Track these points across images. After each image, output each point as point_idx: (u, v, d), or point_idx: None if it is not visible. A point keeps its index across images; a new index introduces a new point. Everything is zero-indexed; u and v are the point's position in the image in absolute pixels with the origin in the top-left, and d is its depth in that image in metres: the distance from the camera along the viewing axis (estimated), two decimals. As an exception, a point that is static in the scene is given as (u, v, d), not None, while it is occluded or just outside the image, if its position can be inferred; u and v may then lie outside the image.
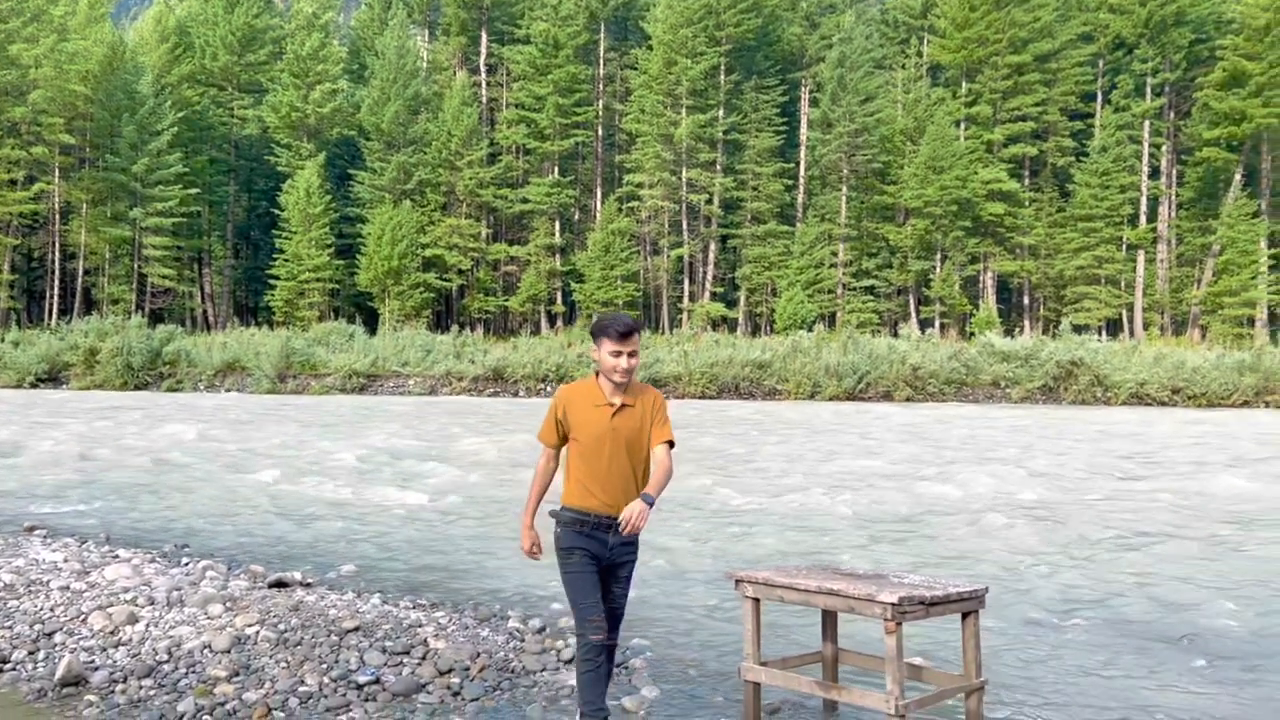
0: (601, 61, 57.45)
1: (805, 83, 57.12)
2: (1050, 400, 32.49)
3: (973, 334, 46.69)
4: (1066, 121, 56.12)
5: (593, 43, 56.27)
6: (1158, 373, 32.03)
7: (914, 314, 53.81)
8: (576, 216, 56.28)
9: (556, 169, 53.76)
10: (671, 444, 4.41)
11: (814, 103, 55.63)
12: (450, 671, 5.65)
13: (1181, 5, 53.02)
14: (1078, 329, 49.57)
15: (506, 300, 52.80)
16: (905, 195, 51.86)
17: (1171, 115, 56.18)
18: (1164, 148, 56.08)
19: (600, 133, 57.01)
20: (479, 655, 5.94)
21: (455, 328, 43.92)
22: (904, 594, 4.44)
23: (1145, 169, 55.08)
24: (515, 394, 33.16)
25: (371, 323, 47.08)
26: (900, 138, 53.94)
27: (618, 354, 4.32)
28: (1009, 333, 48.09)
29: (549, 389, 33.27)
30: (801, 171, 56.30)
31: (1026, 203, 54.70)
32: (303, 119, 52.10)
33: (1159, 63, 54.42)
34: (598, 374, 4.46)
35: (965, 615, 4.74)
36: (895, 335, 44.49)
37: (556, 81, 50.64)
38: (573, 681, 5.60)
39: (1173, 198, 56.04)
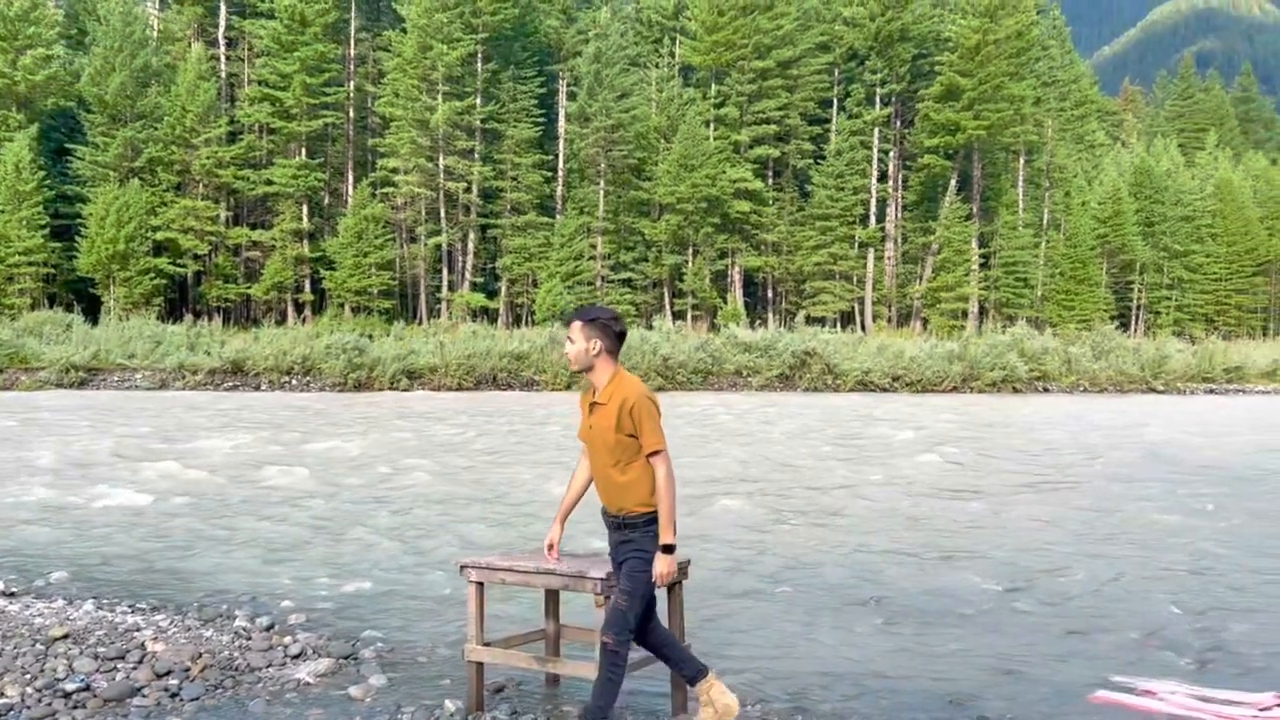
0: (353, 41, 55.49)
1: (563, 76, 57.69)
2: (787, 388, 34.70)
3: (719, 326, 48.99)
4: (806, 126, 59.79)
5: (343, 21, 54.22)
6: (880, 362, 34.96)
7: (668, 306, 55.70)
8: (326, 201, 54.10)
9: (304, 150, 51.43)
10: (659, 452, 4.36)
11: (572, 96, 56.30)
12: (169, 674, 5.49)
13: (906, 22, 57.72)
14: (816, 321, 53.13)
15: (249, 288, 49.99)
16: (659, 191, 53.54)
17: (898, 124, 61.10)
18: (891, 153, 60.91)
19: (352, 115, 55.06)
20: (200, 656, 5.80)
21: (190, 317, 41.19)
22: (612, 570, 4.77)
23: (875, 173, 59.61)
24: (257, 387, 31.58)
25: (94, 311, 43.21)
26: (654, 135, 55.59)
27: (570, 339, 4.49)
28: (754, 325, 50.81)
29: (294, 382, 31.98)
30: (560, 164, 56.88)
31: (770, 202, 57.85)
32: (11, 86, 47.05)
33: (887, 74, 59.03)
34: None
35: (670, 586, 5.15)
36: (650, 327, 45.94)
37: (304, 59, 48.39)
38: (299, 675, 5.61)
39: (899, 200, 61.01)
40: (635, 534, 4.43)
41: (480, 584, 5.06)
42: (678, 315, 54.12)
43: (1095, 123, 74.90)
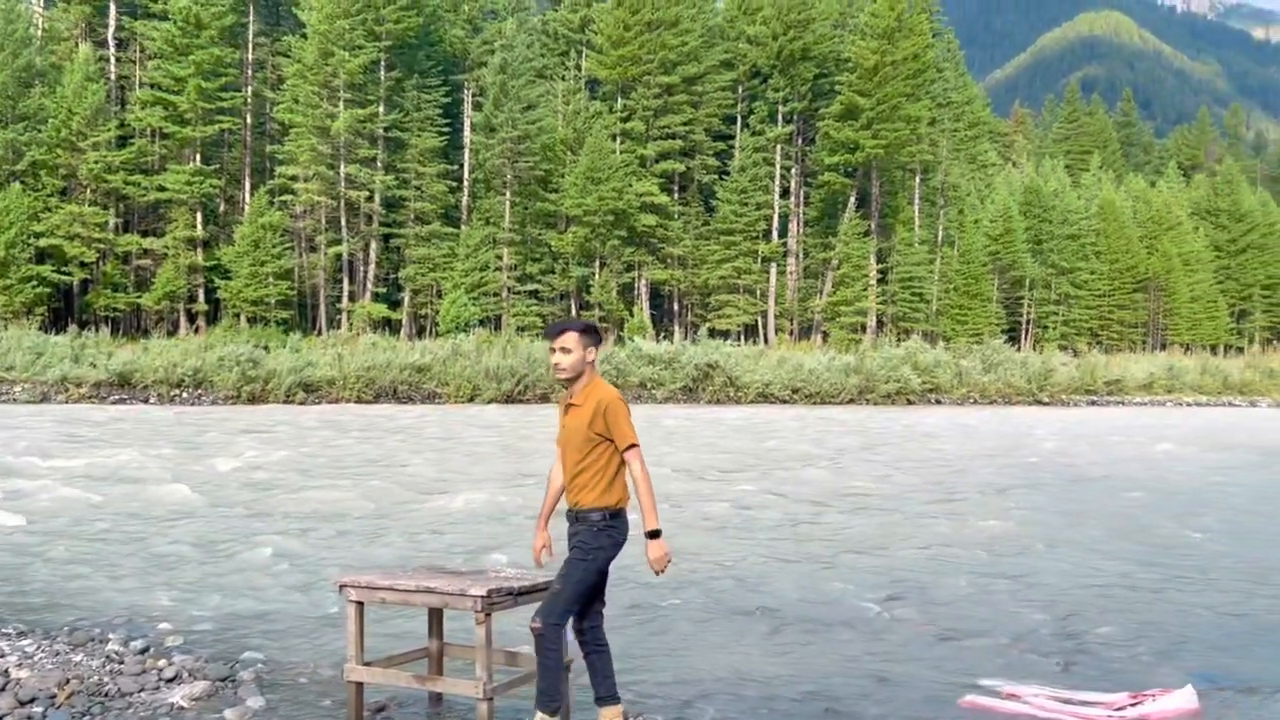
0: (251, 45, 54.20)
1: (468, 86, 57.34)
2: (690, 399, 35.06)
3: (625, 338, 49.23)
4: (711, 142, 60.64)
5: (241, 25, 52.93)
6: (781, 374, 35.62)
7: (575, 318, 55.78)
8: (222, 208, 52.64)
9: (199, 156, 49.94)
10: (634, 446, 4.59)
11: (477, 107, 55.99)
12: (33, 701, 5.29)
13: (807, 42, 59.08)
14: (720, 334, 53.81)
15: (139, 297, 48.24)
16: (566, 203, 53.61)
17: (799, 141, 62.42)
18: (793, 170, 62.19)
19: (250, 120, 53.74)
20: (68, 682, 5.60)
21: (75, 327, 39.56)
22: (493, 587, 4.80)
23: (777, 189, 60.76)
24: (146, 400, 30.49)
25: (-29, 321, 41.19)
26: (561, 147, 55.66)
27: (551, 351, 4.70)
28: (661, 337, 51.28)
29: (184, 395, 30.97)
30: (466, 174, 56.48)
31: (676, 216, 58.45)
32: (-120, 82, 44.68)
33: (789, 93, 60.27)
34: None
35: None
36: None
37: (199, 63, 47.02)
38: (173, 699, 5.49)
39: (800, 216, 62.29)
40: (583, 528, 4.62)
41: (360, 603, 5.03)
42: (584, 328, 54.11)
43: (987, 143, 77.76)
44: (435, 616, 5.45)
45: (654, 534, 4.60)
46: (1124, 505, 13.61)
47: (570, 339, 4.67)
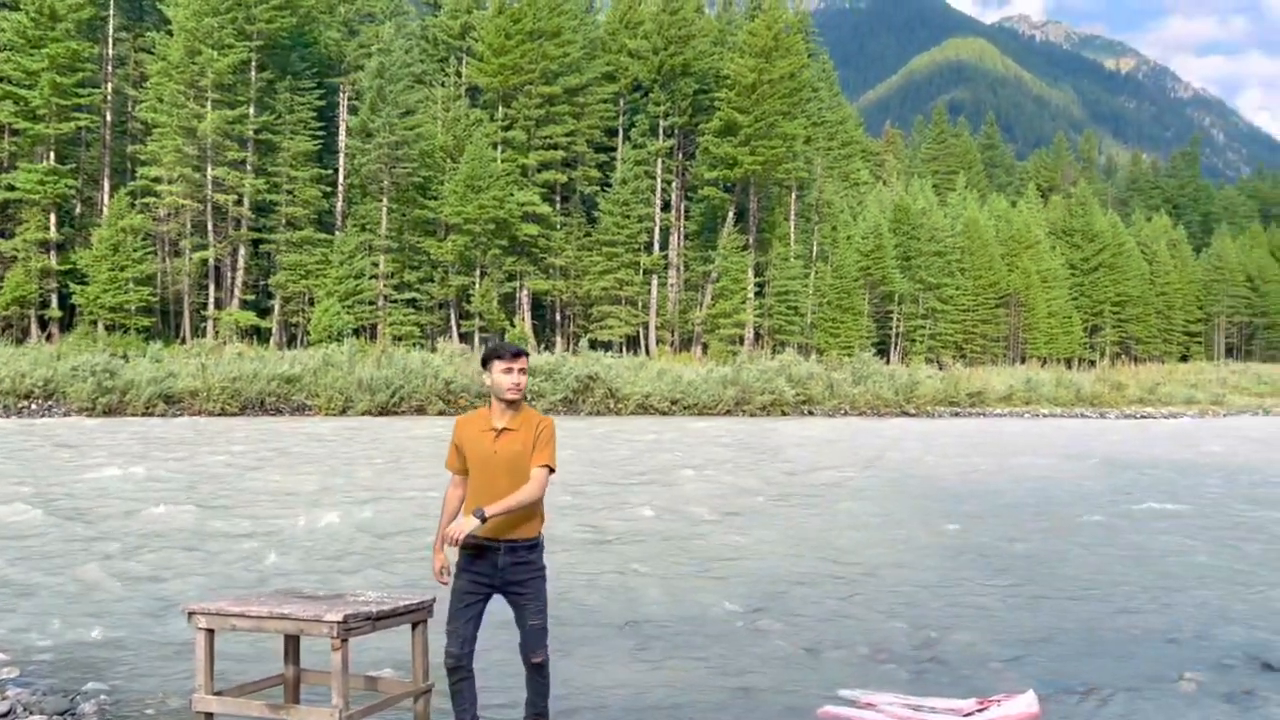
0: (111, 40, 51.74)
1: (344, 89, 56.07)
2: (570, 411, 35.02)
3: (506, 348, 48.78)
4: (593, 153, 60.87)
5: (100, 18, 50.52)
6: (661, 386, 35.95)
7: (454, 328, 55.02)
8: (78, 210, 50.03)
9: (53, 154, 47.35)
10: (550, 469, 4.65)
11: (353, 110, 54.78)
12: None
13: (687, 58, 59.95)
14: (602, 345, 53.95)
15: (-14, 302, 45.40)
16: (445, 211, 52.92)
17: (680, 155, 63.23)
18: (674, 184, 62.94)
19: (110, 118, 51.28)
20: (-117, 723, 5.22)
21: (-87, 333, 37.01)
22: (350, 612, 4.70)
23: (659, 202, 61.40)
24: (-10, 413, 28.68)
25: None
26: (440, 154, 54.95)
27: (509, 370, 4.61)
28: (542, 348, 51.02)
29: (34, 407, 29.24)
30: (341, 179, 55.16)
31: (558, 226, 58.40)
32: None
33: (670, 107, 61.02)
34: (490, 403, 4.69)
35: (415, 625, 5.13)
36: (434, 349, 45.17)
37: (53, 56, 44.58)
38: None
39: (681, 229, 63.06)
40: (533, 555, 4.70)
41: (210, 630, 4.84)
42: (464, 337, 53.59)
43: (860, 162, 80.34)
44: (291, 642, 5.30)
45: (484, 518, 4.50)
46: (980, 514, 14.21)
47: (525, 361, 4.74)
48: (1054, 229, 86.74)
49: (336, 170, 54.97)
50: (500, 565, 4.67)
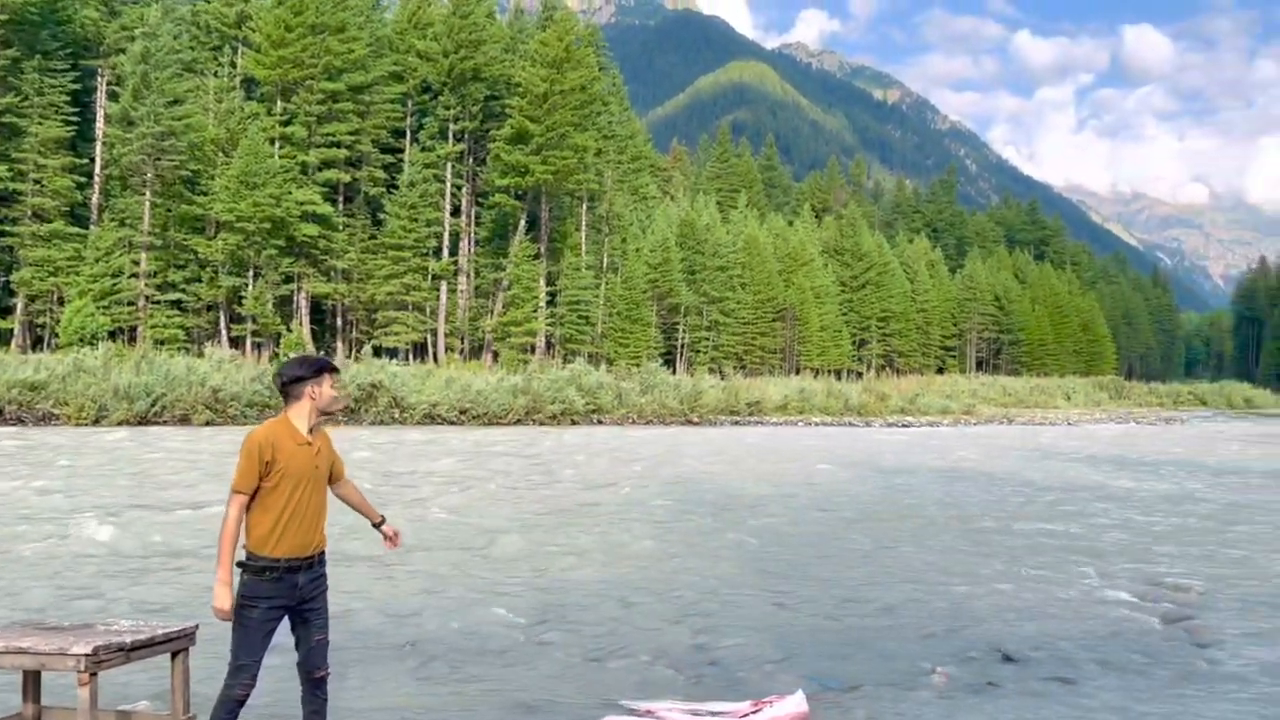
0: None
1: (103, 73, 51.89)
2: (352, 420, 33.78)
3: (281, 355, 46.61)
4: (379, 154, 59.15)
5: None
6: (449, 395, 35.28)
7: (224, 332, 51.96)
8: None
9: None
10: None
11: (114, 97, 50.79)
12: None
13: (478, 63, 59.38)
14: (389, 352, 52.43)
15: None
16: (216, 207, 49.94)
17: (470, 160, 62.50)
18: (464, 189, 62.12)
19: None
20: None
21: None
22: (100, 643, 4.32)
23: (448, 206, 60.42)
24: None
25: None
26: (211, 147, 51.84)
27: (335, 384, 4.51)
28: (322, 354, 48.87)
29: None
30: (98, 169, 50.97)
31: (341, 227, 56.34)
32: None
33: (460, 111, 60.21)
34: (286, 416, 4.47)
35: (175, 654, 4.78)
36: (201, 354, 42.44)
37: None
38: None
39: (472, 235, 62.31)
40: (324, 567, 4.58)
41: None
42: (235, 342, 50.74)
43: (648, 176, 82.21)
44: (31, 679, 4.80)
45: (381, 521, 5.00)
46: (759, 520, 14.77)
47: (338, 377, 4.68)
48: (826, 248, 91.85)
49: (93, 160, 50.76)
50: (300, 584, 4.44)
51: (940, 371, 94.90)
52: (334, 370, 4.63)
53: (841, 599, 9.46)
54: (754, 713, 6.05)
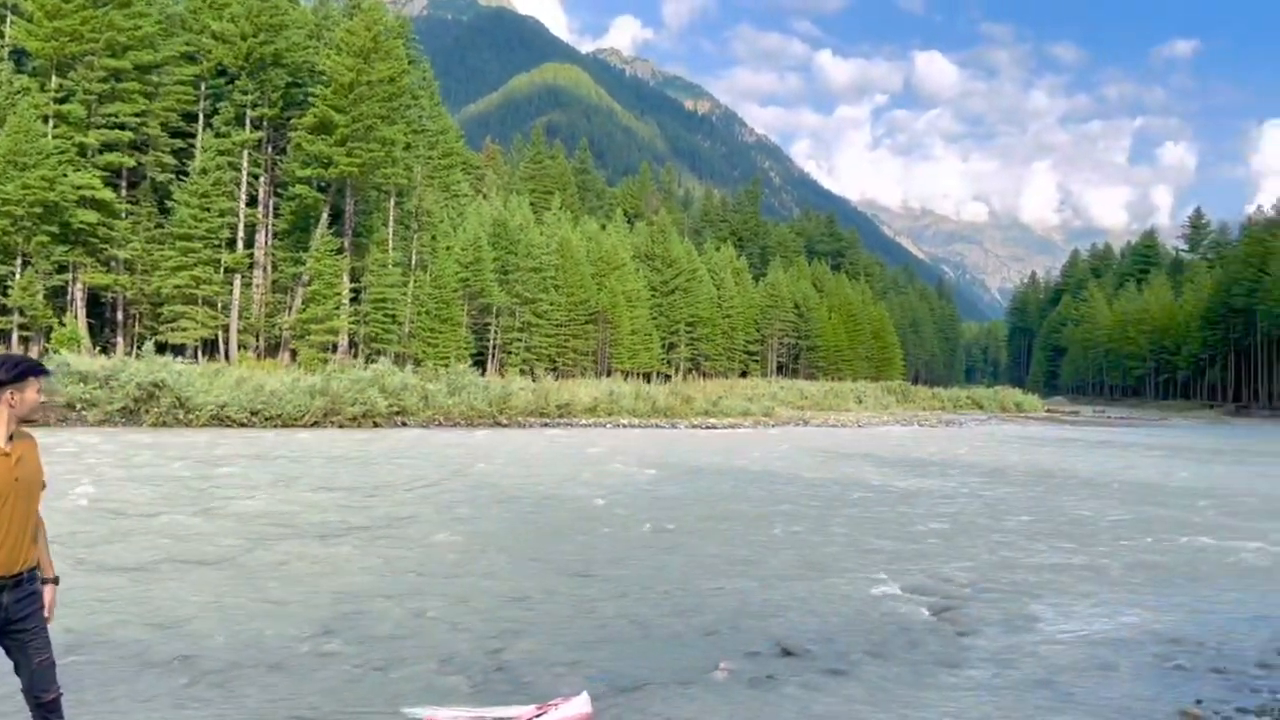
0: None
1: None
2: (131, 422, 31.54)
3: (52, 350, 43.02)
4: (168, 138, 55.55)
5: None
6: (239, 395, 33.47)
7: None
8: None
9: None
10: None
11: None
12: None
13: (279, 48, 56.76)
14: (176, 349, 49.26)
15: None
16: (-21, 189, 45.49)
17: (269, 149, 59.63)
18: (262, 178, 59.16)
19: None
20: None
21: None
22: None
23: (244, 196, 57.41)
24: None
25: None
26: (-26, 122, 47.20)
27: (40, 389, 4.19)
28: (99, 350, 45.43)
29: None
30: None
31: (123, 215, 52.55)
32: None
33: (258, 97, 57.35)
34: None
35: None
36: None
37: None
38: None
39: (269, 227, 59.42)
40: (34, 585, 4.23)
41: None
42: (2, 335, 46.51)
43: (460, 174, 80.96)
44: None
45: (56, 580, 4.41)
46: (557, 522, 14.79)
47: (41, 381, 4.32)
48: (638, 253, 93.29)
49: None
50: (4, 604, 4.08)
51: (744, 375, 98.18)
52: (41, 373, 4.26)
53: (636, 598, 9.60)
54: (538, 716, 6.04)
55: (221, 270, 54.87)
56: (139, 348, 45.59)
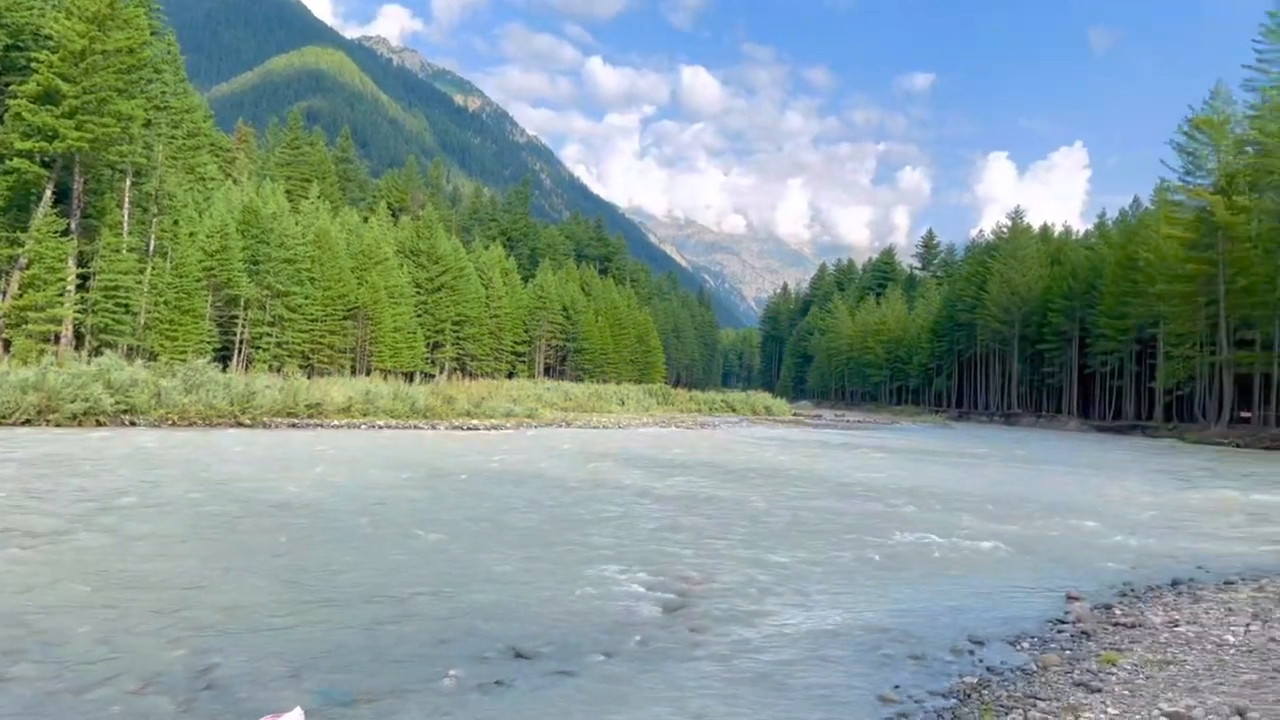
0: None
1: None
2: None
3: None
4: None
5: None
6: (-65, 388, 29.73)
7: None
8: None
9: None
10: None
11: None
12: None
13: (1, 6, 51.11)
14: None
15: None
16: None
17: (-18, 117, 53.49)
18: (-28, 149, 52.98)
19: None
20: None
21: None
22: None
23: (-51, 167, 51.19)
24: None
25: None
26: None
27: None
28: None
29: None
30: None
31: None
32: None
33: (-30, 58, 51.37)
34: None
35: None
36: None
37: None
38: None
39: (-20, 203, 53.29)
40: None
41: None
42: None
43: (208, 156, 75.90)
44: None
45: None
46: (290, 527, 14.09)
47: None
48: (402, 248, 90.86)
49: None
50: None
51: (511, 376, 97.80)
52: None
53: (367, 606, 9.29)
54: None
55: (-81, 248, 48.67)
56: None
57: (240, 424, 37.70)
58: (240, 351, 66.20)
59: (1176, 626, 9.19)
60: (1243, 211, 63.67)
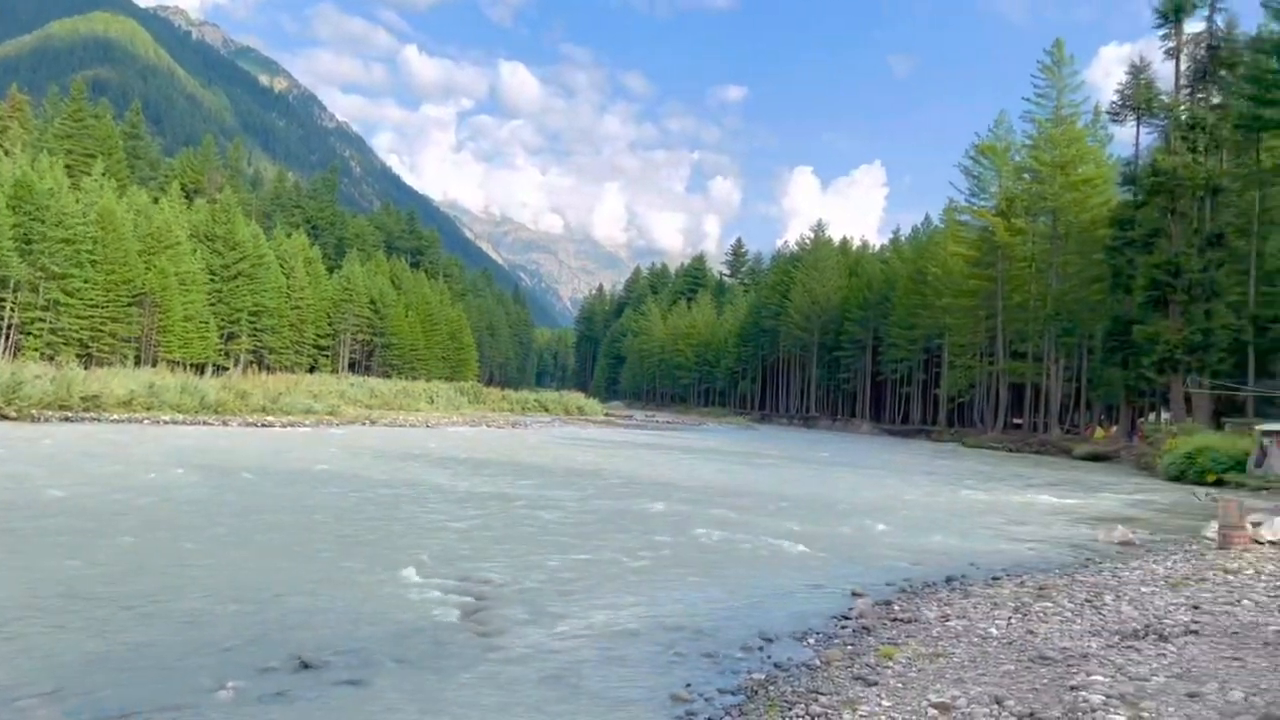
0: None
1: None
2: None
3: None
4: None
5: None
6: None
7: None
8: None
9: None
10: None
11: None
12: None
13: None
14: None
15: None
16: None
17: None
18: None
19: None
20: None
21: None
22: None
23: None
24: None
25: None
26: None
27: None
28: None
29: None
30: None
31: None
32: None
33: None
34: None
35: None
36: None
37: None
38: None
39: None
40: None
41: None
42: None
43: (-26, 123, 69.16)
44: None
45: None
46: (61, 530, 13.01)
47: None
48: (196, 232, 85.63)
49: None
50: None
51: (313, 370, 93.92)
52: None
53: (146, 616, 8.68)
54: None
55: None
56: None
57: (4, 417, 34.53)
58: (8, 338, 60.74)
59: (948, 621, 9.83)
60: (1020, 233, 69.18)
